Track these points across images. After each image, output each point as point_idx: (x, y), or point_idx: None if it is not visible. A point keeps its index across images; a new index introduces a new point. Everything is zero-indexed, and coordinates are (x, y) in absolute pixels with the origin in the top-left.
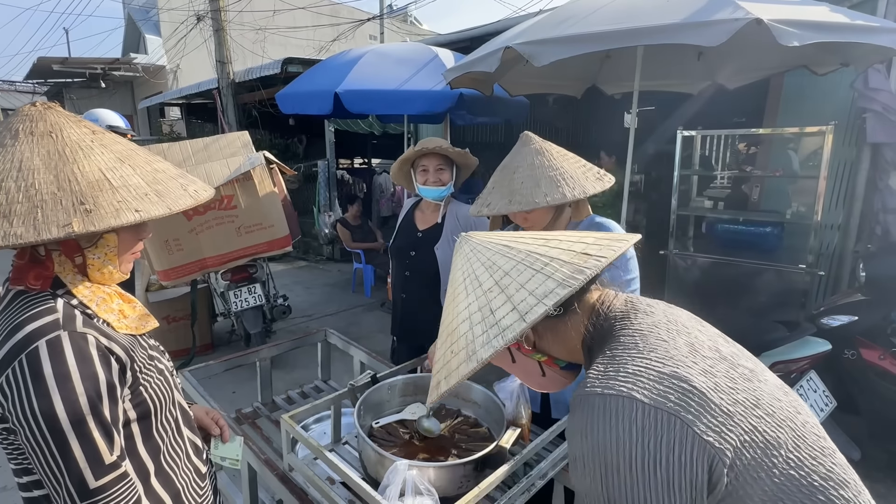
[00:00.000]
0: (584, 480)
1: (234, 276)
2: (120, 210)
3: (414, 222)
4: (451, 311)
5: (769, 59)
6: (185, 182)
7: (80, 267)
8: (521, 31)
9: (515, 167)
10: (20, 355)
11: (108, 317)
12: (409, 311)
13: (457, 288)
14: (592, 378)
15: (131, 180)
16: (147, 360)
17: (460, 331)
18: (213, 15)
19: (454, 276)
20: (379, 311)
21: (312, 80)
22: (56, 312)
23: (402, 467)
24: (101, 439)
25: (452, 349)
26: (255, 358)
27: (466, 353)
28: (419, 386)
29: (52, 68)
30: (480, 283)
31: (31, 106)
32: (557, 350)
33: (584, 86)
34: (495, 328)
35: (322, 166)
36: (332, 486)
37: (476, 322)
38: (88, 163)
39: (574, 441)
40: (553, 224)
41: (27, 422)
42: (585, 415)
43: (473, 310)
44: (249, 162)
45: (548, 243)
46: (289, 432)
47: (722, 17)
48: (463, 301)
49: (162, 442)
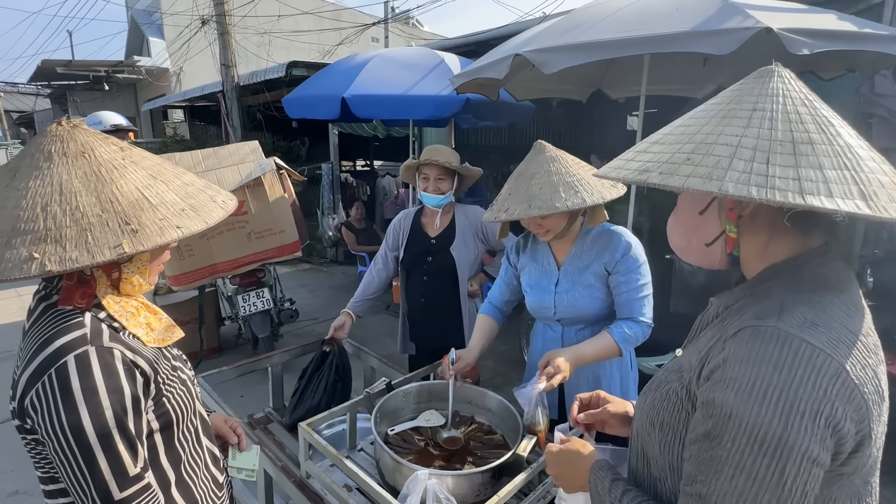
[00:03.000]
0: (749, 406)
1: (242, 280)
2: (164, 228)
3: (423, 230)
4: (707, 119)
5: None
6: (212, 193)
7: (114, 281)
8: (529, 37)
9: (532, 174)
10: (50, 370)
11: (137, 331)
12: (430, 314)
13: (734, 107)
14: (791, 318)
15: (167, 197)
16: (170, 371)
17: (714, 149)
18: (218, 19)
19: (737, 93)
20: (384, 314)
21: (319, 84)
22: (84, 327)
23: (423, 476)
24: (126, 452)
25: (682, 150)
26: (268, 363)
27: (705, 170)
28: (433, 393)
29: (55, 71)
30: (773, 127)
31: (57, 125)
32: (750, 242)
33: (590, 90)
34: (761, 177)
35: (326, 169)
36: (349, 493)
37: (743, 157)
38: (125, 182)
39: (747, 367)
40: (566, 230)
41: (55, 435)
42: (780, 351)
43: (747, 144)
44: (260, 168)
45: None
46: (307, 440)
47: (732, 26)
48: (737, 125)
49: (183, 452)
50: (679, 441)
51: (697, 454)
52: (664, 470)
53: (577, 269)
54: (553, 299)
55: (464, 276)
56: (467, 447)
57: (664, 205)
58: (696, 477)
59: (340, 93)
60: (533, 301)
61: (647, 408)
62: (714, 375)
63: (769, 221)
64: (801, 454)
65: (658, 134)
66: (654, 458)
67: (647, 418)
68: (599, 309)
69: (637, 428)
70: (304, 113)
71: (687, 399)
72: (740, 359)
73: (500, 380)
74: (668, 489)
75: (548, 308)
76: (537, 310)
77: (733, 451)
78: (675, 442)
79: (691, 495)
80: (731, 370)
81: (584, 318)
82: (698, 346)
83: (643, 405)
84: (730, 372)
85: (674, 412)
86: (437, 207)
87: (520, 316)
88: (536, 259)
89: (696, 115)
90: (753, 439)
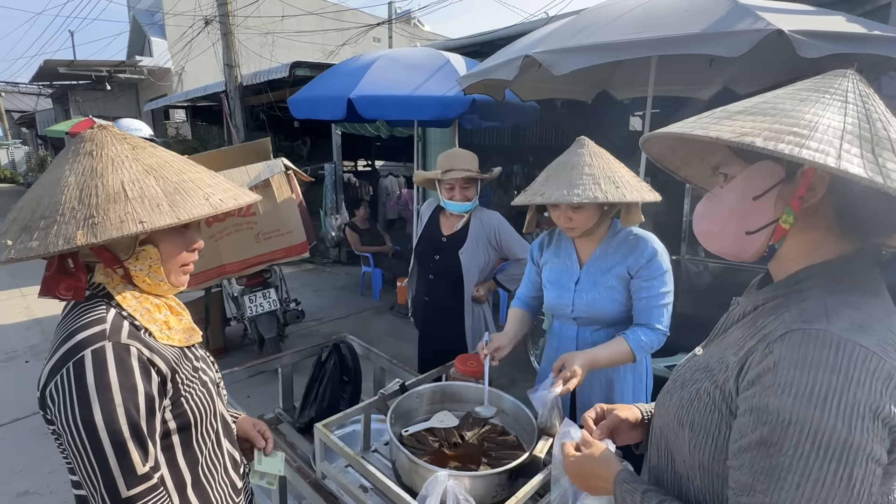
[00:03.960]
0: (810, 411)
1: (249, 280)
2: (125, 222)
3: (438, 227)
4: (798, 101)
5: (782, 66)
6: (209, 192)
7: (126, 277)
8: (539, 38)
9: (573, 164)
10: (68, 363)
11: (151, 327)
12: (432, 313)
13: (826, 97)
14: (840, 321)
15: (150, 191)
16: (191, 372)
17: (819, 128)
18: (221, 19)
19: (820, 85)
20: (388, 314)
21: (325, 85)
22: (105, 323)
23: (443, 477)
24: (136, 450)
25: (783, 121)
26: (278, 364)
27: (817, 144)
28: (446, 394)
29: (57, 71)
30: (871, 123)
31: (90, 129)
32: (798, 237)
33: (595, 91)
34: (874, 165)
35: (329, 169)
36: (366, 494)
37: (852, 143)
38: (114, 176)
39: (804, 372)
40: (594, 229)
41: (69, 428)
42: (835, 355)
43: (852, 131)
44: (269, 169)
45: None
46: (323, 440)
47: (743, 28)
48: (834, 112)
49: (201, 454)
50: (712, 441)
51: (752, 462)
52: (692, 469)
53: (600, 269)
54: (572, 297)
55: (470, 281)
56: (481, 448)
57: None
58: (755, 487)
59: (346, 93)
60: (552, 297)
61: (673, 407)
62: (763, 380)
63: (824, 219)
64: (866, 456)
65: (737, 106)
66: (682, 456)
67: (673, 417)
68: (618, 311)
69: (660, 426)
70: (310, 113)
71: (721, 400)
72: (794, 363)
73: (505, 380)
74: (696, 487)
75: (566, 305)
76: (555, 306)
77: (796, 458)
78: (708, 442)
79: None
80: (784, 375)
81: (601, 319)
82: (727, 345)
83: (668, 403)
84: (783, 377)
85: (705, 412)
86: (463, 213)
87: None
88: (559, 256)
89: (781, 96)
90: (818, 444)
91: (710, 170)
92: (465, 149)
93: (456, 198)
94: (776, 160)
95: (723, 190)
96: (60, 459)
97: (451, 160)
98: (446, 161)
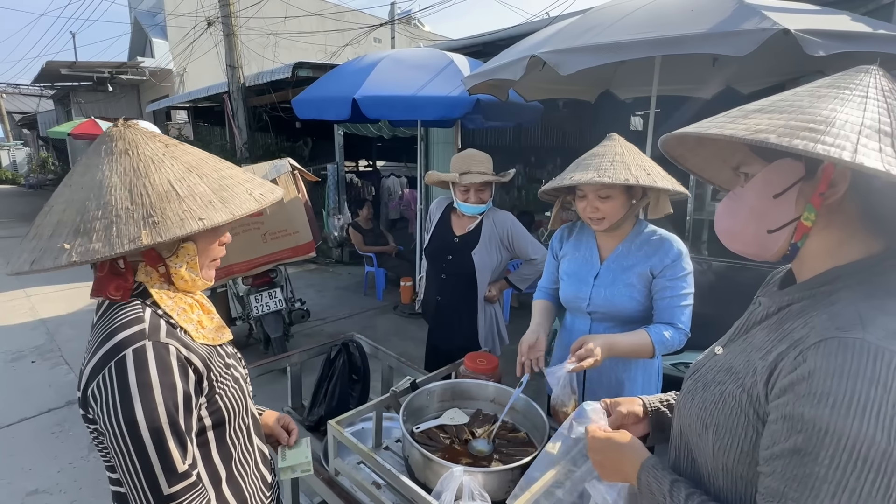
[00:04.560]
0: (848, 422)
1: (255, 280)
2: (185, 220)
3: (450, 226)
4: (815, 98)
5: (786, 65)
6: (251, 187)
7: (165, 276)
8: (544, 38)
9: (602, 154)
10: (110, 363)
11: (188, 326)
12: (443, 313)
13: (845, 93)
14: (876, 329)
15: (198, 189)
16: (224, 369)
17: (836, 123)
18: (224, 20)
19: (841, 81)
20: (392, 313)
21: (329, 85)
22: (143, 322)
23: (458, 473)
24: (176, 448)
25: (798, 118)
26: (287, 363)
27: (833, 139)
28: (456, 391)
29: (60, 72)
30: (892, 117)
31: (113, 126)
32: (822, 236)
33: (599, 90)
34: (893, 159)
35: (331, 169)
36: (379, 490)
37: (871, 137)
38: (159, 175)
39: (842, 382)
40: (620, 224)
41: (111, 427)
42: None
43: (870, 125)
44: (276, 169)
45: None
46: (336, 437)
47: (749, 28)
48: (853, 107)
49: (234, 449)
50: (737, 444)
51: (784, 470)
52: (715, 470)
53: (621, 266)
54: (590, 291)
55: (483, 281)
56: (495, 444)
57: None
58: (787, 494)
59: (351, 94)
60: (568, 290)
61: (695, 408)
62: (797, 389)
63: (848, 217)
64: None
65: (755, 104)
66: (704, 458)
67: (696, 418)
68: (634, 310)
69: (681, 426)
70: (315, 114)
71: (748, 404)
72: (831, 373)
73: (511, 379)
74: (717, 488)
75: (582, 299)
76: (571, 299)
77: (833, 468)
78: (733, 445)
79: None
80: (821, 384)
81: (616, 316)
82: (752, 347)
83: (689, 404)
84: (820, 386)
85: (731, 415)
86: (478, 215)
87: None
88: (580, 249)
89: (800, 94)
90: (857, 455)
91: (732, 170)
92: (466, 149)
93: (471, 200)
94: (796, 157)
95: (743, 189)
96: (69, 459)
97: (468, 162)
98: (463, 163)
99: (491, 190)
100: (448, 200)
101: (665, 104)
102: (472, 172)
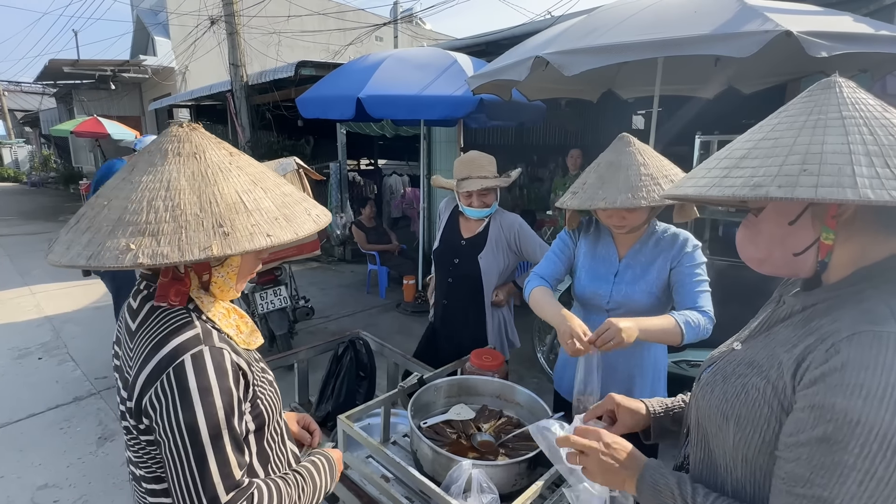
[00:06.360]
0: (881, 413)
1: (260, 278)
2: (254, 234)
3: (458, 229)
4: (797, 131)
5: (787, 66)
6: (308, 206)
7: (204, 284)
8: (548, 39)
9: (627, 165)
10: (168, 369)
11: (230, 331)
12: (450, 316)
13: (820, 117)
14: None
15: (263, 203)
16: (260, 373)
17: (827, 158)
18: (227, 19)
19: (812, 104)
20: (394, 311)
21: (333, 84)
22: (196, 328)
23: (467, 466)
24: (233, 453)
25: (789, 161)
26: (294, 359)
27: (831, 178)
28: (463, 387)
29: (62, 70)
30: (873, 132)
31: (178, 127)
32: (844, 248)
33: (601, 90)
34: (891, 181)
35: (334, 168)
36: (388, 483)
37: (862, 163)
38: (227, 185)
39: (875, 374)
40: (643, 227)
41: (172, 433)
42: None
43: (858, 150)
44: (281, 167)
45: None
46: (346, 432)
47: (751, 29)
48: (835, 133)
49: (271, 451)
50: (759, 435)
51: (810, 457)
52: (735, 461)
53: (640, 263)
54: (611, 289)
55: (489, 285)
56: (498, 439)
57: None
58: (813, 480)
59: (355, 93)
60: (587, 287)
61: (715, 400)
62: (829, 379)
63: (866, 223)
64: None
65: (737, 150)
66: (723, 449)
67: (716, 410)
68: (651, 304)
69: (699, 418)
70: (319, 113)
71: (773, 396)
72: (864, 365)
73: (513, 377)
74: (734, 478)
75: (602, 296)
76: (590, 296)
77: (862, 457)
78: (755, 436)
79: (806, 497)
80: (853, 376)
81: (634, 311)
82: (776, 343)
83: (709, 396)
84: (852, 377)
85: (754, 406)
86: (482, 219)
87: (532, 315)
88: (597, 246)
89: (778, 129)
90: (887, 445)
91: None
92: (468, 148)
93: (474, 205)
94: None
95: (758, 219)
96: (78, 454)
97: (469, 167)
98: (464, 168)
99: (496, 193)
100: (455, 201)
101: (668, 103)
102: (472, 178)
